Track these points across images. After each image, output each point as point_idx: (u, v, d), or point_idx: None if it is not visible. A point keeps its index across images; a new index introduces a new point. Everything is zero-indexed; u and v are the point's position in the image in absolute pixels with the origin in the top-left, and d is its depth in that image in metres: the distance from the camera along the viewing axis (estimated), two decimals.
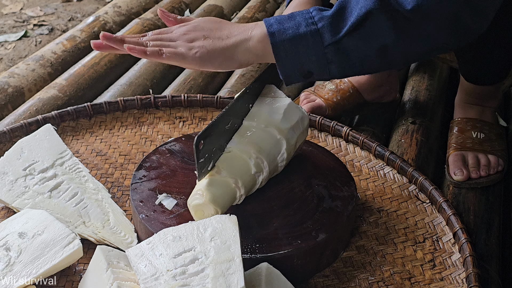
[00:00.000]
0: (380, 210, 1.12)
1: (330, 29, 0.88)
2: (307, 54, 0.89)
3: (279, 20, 0.90)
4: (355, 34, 0.87)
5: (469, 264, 0.97)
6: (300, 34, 0.88)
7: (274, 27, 0.89)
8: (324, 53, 0.88)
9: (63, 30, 2.14)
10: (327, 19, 0.88)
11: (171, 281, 0.81)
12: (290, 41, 0.88)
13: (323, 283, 0.98)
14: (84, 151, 1.23)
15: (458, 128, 1.32)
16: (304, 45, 0.88)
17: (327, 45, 0.88)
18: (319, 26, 0.88)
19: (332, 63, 0.90)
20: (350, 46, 0.88)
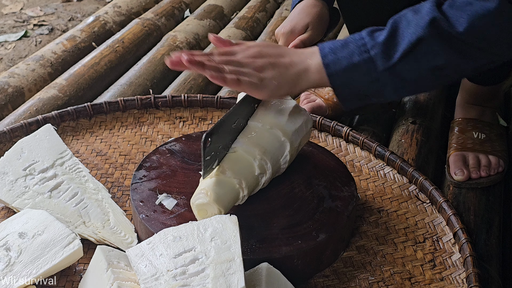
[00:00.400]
0: (380, 210, 1.12)
1: (383, 56, 0.89)
2: (362, 81, 0.91)
3: (333, 49, 0.93)
4: (408, 59, 0.89)
5: (469, 264, 0.97)
6: (354, 63, 0.90)
7: (329, 58, 0.92)
8: (377, 78, 0.90)
9: (63, 30, 2.14)
10: (379, 46, 0.89)
11: (172, 281, 0.81)
12: (345, 71, 0.91)
13: (323, 283, 0.98)
14: (84, 151, 1.23)
15: (459, 128, 1.32)
16: (359, 73, 0.91)
17: (381, 71, 0.90)
18: (372, 53, 0.90)
19: (387, 85, 0.91)
20: (403, 70, 0.90)
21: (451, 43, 0.88)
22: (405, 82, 0.91)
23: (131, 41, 1.78)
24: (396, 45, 0.89)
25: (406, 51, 0.88)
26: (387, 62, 0.89)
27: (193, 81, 1.58)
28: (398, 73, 0.90)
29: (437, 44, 0.88)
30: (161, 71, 1.63)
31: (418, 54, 0.89)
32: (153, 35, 1.88)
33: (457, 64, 0.90)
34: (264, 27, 2.06)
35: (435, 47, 0.88)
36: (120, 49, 1.72)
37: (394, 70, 0.90)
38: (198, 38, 1.86)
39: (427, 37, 0.88)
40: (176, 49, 1.75)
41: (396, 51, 0.89)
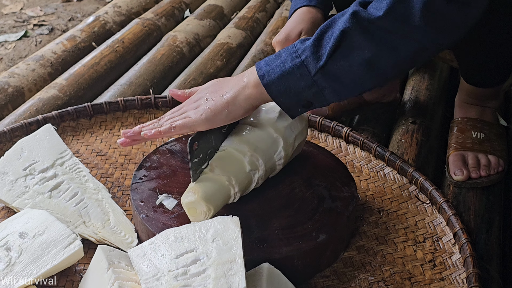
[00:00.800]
0: (380, 210, 1.12)
1: (313, 58, 0.90)
2: (298, 86, 0.91)
3: (268, 62, 0.93)
4: (336, 57, 0.89)
5: (469, 264, 0.97)
6: (287, 70, 0.91)
7: (263, 69, 0.93)
8: (313, 81, 0.90)
9: (63, 30, 2.14)
10: (308, 49, 0.90)
11: (173, 281, 0.81)
12: (280, 79, 0.91)
13: (324, 283, 0.98)
14: (84, 151, 1.23)
15: (458, 128, 1.32)
16: (293, 79, 0.91)
17: (314, 73, 0.90)
18: (302, 58, 0.90)
19: (324, 88, 0.91)
20: (335, 69, 0.90)
21: (373, 34, 0.87)
22: (341, 82, 0.91)
23: (131, 41, 1.78)
24: (323, 45, 0.89)
25: (333, 48, 0.88)
26: (317, 63, 0.89)
27: (193, 81, 1.58)
28: (331, 73, 0.90)
29: (360, 36, 0.88)
30: (161, 71, 1.63)
31: (344, 50, 0.88)
32: (153, 35, 1.88)
33: (385, 55, 0.89)
34: (264, 27, 2.06)
35: (359, 39, 0.88)
36: (120, 49, 1.72)
37: (326, 71, 0.89)
38: (198, 38, 1.86)
39: (349, 30, 0.87)
40: (176, 49, 1.75)
41: (324, 51, 0.89)
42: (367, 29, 0.88)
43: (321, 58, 0.89)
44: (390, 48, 0.88)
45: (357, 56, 0.89)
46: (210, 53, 1.74)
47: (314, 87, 0.91)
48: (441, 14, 0.86)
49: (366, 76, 0.91)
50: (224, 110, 0.95)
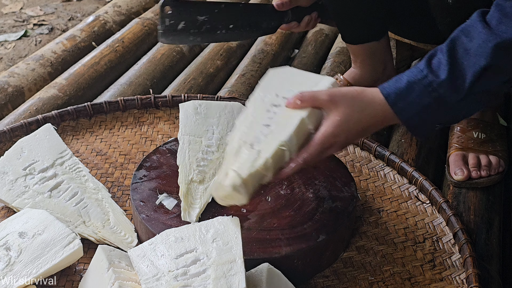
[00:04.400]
0: (380, 210, 1.12)
1: (451, 92, 0.89)
2: (437, 116, 0.92)
3: (399, 95, 0.92)
4: (476, 87, 0.88)
5: (469, 264, 0.97)
6: (426, 105, 0.90)
7: (398, 106, 0.91)
8: (451, 108, 0.91)
9: (63, 29, 2.14)
10: (445, 84, 0.89)
11: (173, 281, 0.81)
12: (418, 114, 0.91)
13: (324, 284, 0.98)
14: (84, 151, 1.23)
15: (460, 128, 1.32)
16: (432, 111, 0.91)
17: (453, 104, 0.90)
18: (440, 92, 0.89)
19: (461, 110, 0.92)
20: (475, 96, 0.89)
21: None
22: (478, 103, 0.92)
23: (131, 40, 1.78)
24: (462, 79, 0.88)
25: (473, 82, 0.88)
26: (457, 96, 0.89)
27: (193, 80, 1.58)
28: (470, 100, 0.90)
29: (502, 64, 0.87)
30: (161, 70, 1.63)
31: (485, 82, 0.88)
32: (153, 35, 1.88)
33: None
34: None
35: (500, 68, 0.87)
36: (120, 48, 1.72)
37: (466, 100, 0.89)
38: None
39: (490, 64, 0.87)
40: (176, 49, 1.75)
41: (464, 85, 0.88)
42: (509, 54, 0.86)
43: (460, 92, 0.89)
44: None
45: (497, 81, 0.89)
46: (210, 52, 1.74)
47: (451, 112, 0.92)
48: None
49: (500, 92, 0.93)
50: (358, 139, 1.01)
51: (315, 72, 1.72)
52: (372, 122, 0.94)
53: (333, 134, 0.91)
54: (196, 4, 1.21)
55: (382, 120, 0.94)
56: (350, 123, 0.92)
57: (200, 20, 1.18)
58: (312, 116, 0.92)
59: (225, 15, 1.23)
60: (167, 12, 1.13)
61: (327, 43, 1.88)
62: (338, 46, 1.80)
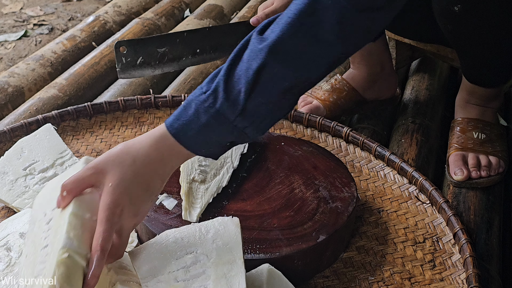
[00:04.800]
0: (380, 210, 1.12)
1: (228, 104, 0.82)
2: (219, 134, 0.84)
3: (178, 116, 0.84)
4: (254, 95, 0.82)
5: (469, 264, 0.97)
6: (204, 123, 0.83)
7: (175, 126, 0.83)
8: (234, 126, 0.83)
9: (63, 29, 2.14)
10: (222, 96, 0.82)
11: (173, 282, 0.81)
12: (198, 134, 0.83)
13: (324, 284, 0.98)
14: (85, 151, 1.23)
15: (460, 128, 1.32)
16: (213, 130, 0.83)
17: (233, 119, 0.83)
18: (217, 106, 0.82)
19: (246, 128, 0.84)
20: (254, 107, 0.83)
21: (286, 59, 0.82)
22: (261, 117, 0.84)
23: None
24: (236, 88, 0.82)
25: (249, 90, 0.81)
26: (235, 109, 0.82)
27: (193, 80, 1.58)
28: (250, 112, 0.83)
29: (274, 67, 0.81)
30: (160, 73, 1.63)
31: (261, 88, 0.82)
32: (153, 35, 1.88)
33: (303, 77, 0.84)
34: None
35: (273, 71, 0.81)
36: None
37: (245, 112, 0.82)
38: None
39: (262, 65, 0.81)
40: None
41: (238, 94, 0.82)
42: (281, 56, 0.81)
43: (238, 103, 0.82)
44: (306, 68, 0.83)
45: (275, 88, 0.83)
46: None
47: (235, 131, 0.84)
48: (352, 25, 0.82)
49: (284, 103, 0.86)
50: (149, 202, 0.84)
51: None
52: (151, 165, 0.83)
53: (113, 204, 0.79)
54: (153, 39, 1.21)
55: (162, 157, 0.83)
56: (126, 182, 0.81)
57: (160, 52, 1.18)
58: (83, 203, 0.81)
59: (188, 42, 1.22)
60: (123, 52, 1.14)
61: None
62: None
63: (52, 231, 0.80)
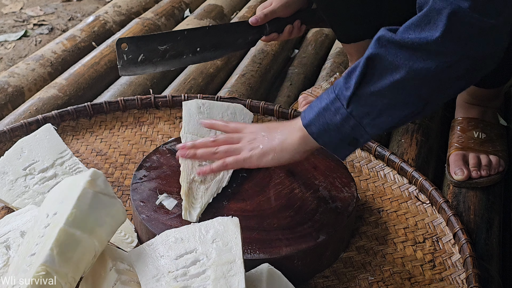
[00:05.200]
0: (380, 210, 1.12)
1: (343, 89, 0.89)
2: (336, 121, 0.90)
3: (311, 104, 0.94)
4: (364, 83, 0.87)
5: (469, 264, 0.97)
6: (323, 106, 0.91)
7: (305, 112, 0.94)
8: (348, 113, 0.89)
9: (63, 29, 2.14)
10: (342, 81, 0.90)
11: (173, 282, 0.81)
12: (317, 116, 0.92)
13: (323, 284, 0.98)
14: (84, 151, 1.23)
15: (460, 127, 1.32)
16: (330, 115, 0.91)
17: (346, 104, 0.89)
18: (336, 91, 0.90)
19: (362, 119, 0.89)
20: (365, 96, 0.88)
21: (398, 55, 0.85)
22: (375, 110, 0.88)
23: None
24: (353, 75, 0.89)
25: (360, 76, 0.87)
26: (347, 93, 0.89)
27: (193, 80, 1.58)
28: (363, 101, 0.88)
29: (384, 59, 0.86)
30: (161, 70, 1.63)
31: (371, 75, 0.87)
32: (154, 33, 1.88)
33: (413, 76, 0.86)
34: None
35: (383, 63, 0.86)
36: None
37: (357, 99, 0.88)
38: None
39: (374, 54, 0.86)
40: None
41: (352, 80, 0.88)
42: (391, 51, 0.85)
43: (350, 88, 0.88)
44: (417, 68, 0.85)
45: (385, 80, 0.87)
46: None
47: (350, 119, 0.89)
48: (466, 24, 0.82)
49: (399, 101, 0.88)
50: (271, 153, 0.97)
51: (315, 72, 1.72)
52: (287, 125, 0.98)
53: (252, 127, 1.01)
54: (154, 36, 1.23)
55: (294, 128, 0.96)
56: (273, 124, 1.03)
57: (161, 50, 1.20)
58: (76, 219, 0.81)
59: (189, 40, 1.24)
60: (124, 49, 1.16)
61: (327, 43, 1.89)
62: (338, 46, 1.80)
63: (44, 238, 0.80)
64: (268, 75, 1.65)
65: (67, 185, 0.89)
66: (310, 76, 1.70)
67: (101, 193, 0.86)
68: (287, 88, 1.61)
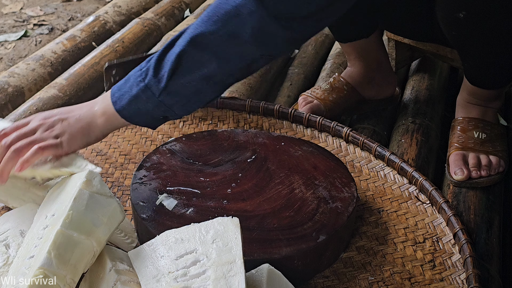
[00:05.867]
0: (380, 210, 1.12)
1: (154, 80, 0.94)
2: (148, 108, 0.96)
3: (119, 87, 0.98)
4: (176, 76, 0.94)
5: (469, 264, 0.97)
6: (134, 95, 0.96)
7: (115, 95, 0.97)
8: (159, 101, 0.96)
9: (63, 29, 2.14)
10: (151, 72, 0.95)
11: (173, 282, 0.81)
12: (129, 104, 0.96)
13: (323, 284, 0.98)
14: (84, 151, 1.23)
15: (460, 127, 1.32)
16: (142, 102, 0.96)
17: (158, 95, 0.95)
18: (146, 81, 0.95)
19: (172, 106, 0.97)
20: (176, 87, 0.95)
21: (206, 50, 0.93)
22: (185, 98, 0.97)
23: (131, 40, 1.78)
24: (163, 67, 0.94)
25: (171, 70, 0.93)
26: (159, 85, 0.94)
27: None
28: (174, 92, 0.95)
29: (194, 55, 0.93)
30: None
31: (182, 70, 0.94)
32: (153, 35, 1.88)
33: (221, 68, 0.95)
34: None
35: (194, 58, 0.93)
36: (120, 48, 1.72)
37: (169, 90, 0.95)
38: None
39: (184, 51, 0.93)
40: None
41: (163, 73, 0.94)
42: (200, 46, 0.93)
43: (162, 80, 0.94)
44: (224, 61, 0.94)
45: (195, 73, 0.94)
46: None
47: (162, 106, 0.96)
48: (269, 33, 0.91)
49: (207, 89, 0.97)
50: (81, 138, 0.98)
51: (315, 72, 1.72)
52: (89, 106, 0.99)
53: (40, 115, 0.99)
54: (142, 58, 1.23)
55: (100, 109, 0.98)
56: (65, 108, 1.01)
57: None
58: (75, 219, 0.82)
59: None
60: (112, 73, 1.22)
61: (327, 44, 1.88)
62: (338, 47, 1.80)
63: (42, 240, 0.81)
64: (268, 75, 1.65)
65: (64, 186, 0.89)
66: (310, 76, 1.70)
67: (97, 193, 0.86)
68: (287, 88, 1.61)
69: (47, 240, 0.80)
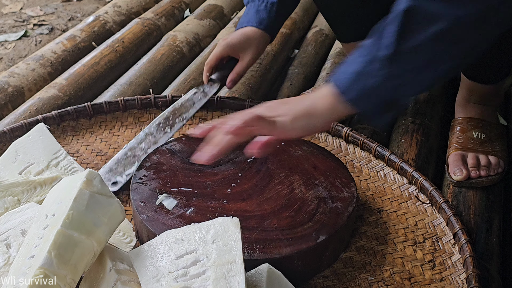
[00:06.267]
0: (380, 210, 1.12)
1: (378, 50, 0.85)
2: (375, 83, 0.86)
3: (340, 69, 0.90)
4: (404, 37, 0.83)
5: (469, 264, 0.97)
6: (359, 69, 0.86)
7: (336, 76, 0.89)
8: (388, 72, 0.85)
9: (63, 29, 2.14)
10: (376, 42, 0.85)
11: (173, 282, 0.81)
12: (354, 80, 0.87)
13: (323, 284, 0.98)
14: (84, 151, 1.23)
15: (460, 128, 1.32)
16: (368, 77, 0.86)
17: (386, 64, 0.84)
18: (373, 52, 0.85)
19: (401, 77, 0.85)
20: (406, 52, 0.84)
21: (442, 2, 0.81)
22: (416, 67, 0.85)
23: (131, 40, 1.78)
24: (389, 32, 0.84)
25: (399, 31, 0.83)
26: (386, 52, 0.84)
27: (193, 80, 1.58)
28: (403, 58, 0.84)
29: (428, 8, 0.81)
30: (161, 70, 1.63)
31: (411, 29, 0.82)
32: (153, 35, 1.88)
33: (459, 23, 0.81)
34: None
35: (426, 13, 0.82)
36: (120, 48, 1.72)
37: (398, 56, 0.84)
38: (198, 38, 1.86)
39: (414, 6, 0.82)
40: (176, 49, 1.75)
41: (390, 37, 0.84)
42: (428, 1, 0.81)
43: (389, 46, 0.83)
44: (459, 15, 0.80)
45: (426, 32, 0.82)
46: (210, 53, 1.74)
47: (391, 80, 0.85)
48: None
49: (441, 53, 0.84)
50: (303, 118, 0.91)
51: (315, 72, 1.72)
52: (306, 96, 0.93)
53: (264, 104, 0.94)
54: None
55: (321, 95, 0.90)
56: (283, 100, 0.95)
57: None
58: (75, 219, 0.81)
59: None
60: None
61: (327, 44, 1.89)
62: (338, 46, 1.80)
63: (43, 240, 0.81)
64: (268, 75, 1.65)
65: (64, 186, 0.89)
66: (310, 76, 1.70)
67: (97, 193, 0.86)
68: (287, 88, 1.61)
69: (47, 240, 0.80)
